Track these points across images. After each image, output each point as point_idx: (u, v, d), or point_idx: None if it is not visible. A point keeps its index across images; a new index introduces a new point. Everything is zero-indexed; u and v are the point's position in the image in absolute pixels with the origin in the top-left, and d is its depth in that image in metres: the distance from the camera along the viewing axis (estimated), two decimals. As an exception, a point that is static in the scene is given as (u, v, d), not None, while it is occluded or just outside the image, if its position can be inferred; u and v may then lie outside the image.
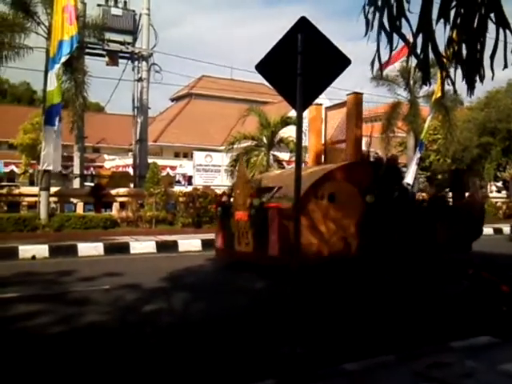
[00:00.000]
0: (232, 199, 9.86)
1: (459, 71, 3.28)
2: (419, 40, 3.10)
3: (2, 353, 4.55)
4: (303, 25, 4.05)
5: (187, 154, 30.21)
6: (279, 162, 19.36)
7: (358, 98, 10.58)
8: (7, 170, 36.27)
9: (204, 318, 5.88)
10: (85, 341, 4.93)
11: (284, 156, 19.62)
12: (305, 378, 3.55)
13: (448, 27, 3.11)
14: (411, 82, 22.22)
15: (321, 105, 11.93)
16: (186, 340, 5.00)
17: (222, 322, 5.63)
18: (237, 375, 3.91)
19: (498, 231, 17.78)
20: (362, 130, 10.64)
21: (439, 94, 17.22)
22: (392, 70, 20.88)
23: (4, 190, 18.08)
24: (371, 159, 10.55)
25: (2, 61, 14.16)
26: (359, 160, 10.09)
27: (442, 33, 3.19)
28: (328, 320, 5.73)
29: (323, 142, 11.61)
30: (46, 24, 14.40)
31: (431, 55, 3.16)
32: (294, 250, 4.21)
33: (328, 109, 11.73)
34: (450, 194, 12.80)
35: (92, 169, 31.00)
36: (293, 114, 16.79)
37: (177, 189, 18.52)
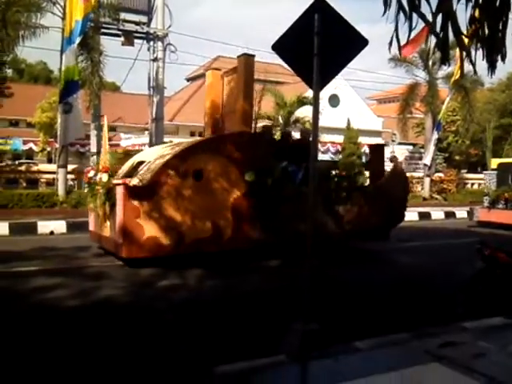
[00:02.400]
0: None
1: (479, 52, 3.24)
2: (439, 19, 3.06)
3: (20, 325, 4.71)
4: (320, 5, 4.01)
5: (202, 134, 30.22)
6: (294, 143, 19.30)
7: (248, 61, 8.81)
8: (26, 147, 36.81)
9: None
10: (99, 314, 5.07)
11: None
12: (315, 354, 3.62)
13: (470, 6, 3.06)
14: (430, 63, 21.84)
15: (219, 70, 10.31)
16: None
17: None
18: (249, 350, 3.99)
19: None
20: (252, 98, 9.18)
21: (458, 75, 16.91)
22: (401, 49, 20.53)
23: (23, 167, 18.42)
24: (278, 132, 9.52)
25: (19, 40, 14.27)
26: (240, 131, 8.56)
27: (461, 12, 3.14)
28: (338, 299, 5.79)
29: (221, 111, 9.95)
30: (62, 4, 14.43)
31: (451, 35, 3.13)
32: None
33: (226, 73, 9.89)
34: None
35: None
36: (309, 94, 16.64)
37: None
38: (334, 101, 27.14)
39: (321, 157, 22.86)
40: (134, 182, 7.58)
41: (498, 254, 5.54)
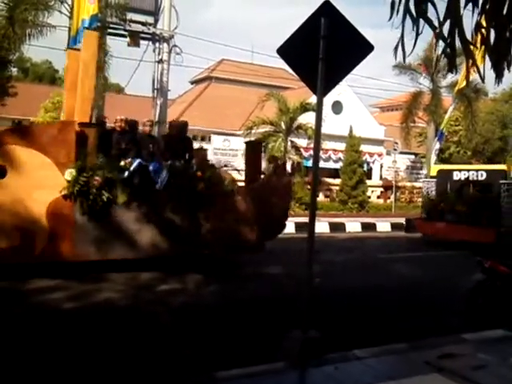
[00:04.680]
0: None
1: (485, 60, 3.22)
2: (445, 26, 3.04)
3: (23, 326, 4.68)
4: (327, 9, 3.99)
5: (205, 138, 30.22)
6: (297, 148, 19.29)
7: (90, 36, 7.89)
8: (28, 147, 36.72)
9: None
10: (98, 317, 5.03)
11: (302, 142, 19.52)
12: (314, 361, 3.58)
13: (476, 12, 3.03)
14: (434, 71, 21.87)
15: (78, 50, 8.36)
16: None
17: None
18: (247, 357, 3.95)
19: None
20: (92, 79, 7.98)
21: (463, 84, 16.89)
22: (415, 58, 20.58)
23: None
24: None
25: (26, 39, 14.29)
26: (63, 121, 7.58)
27: (468, 20, 3.12)
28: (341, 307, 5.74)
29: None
30: (69, 2, 14.45)
31: (457, 42, 3.10)
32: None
33: None
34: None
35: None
36: (312, 100, 16.65)
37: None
38: (337, 108, 27.12)
39: (323, 165, 22.86)
40: None
41: (499, 266, 5.50)
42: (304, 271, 3.92)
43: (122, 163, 7.27)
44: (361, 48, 4.18)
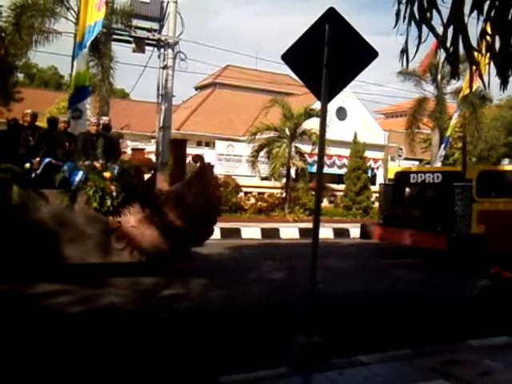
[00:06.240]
0: None
1: (489, 66, 3.22)
2: (449, 33, 3.05)
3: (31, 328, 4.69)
4: (331, 15, 4.02)
5: (209, 143, 30.28)
6: (301, 154, 19.29)
7: None
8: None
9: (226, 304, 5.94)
10: (102, 322, 5.04)
11: (306, 148, 19.51)
12: (318, 367, 3.57)
13: (481, 20, 3.04)
14: (439, 78, 21.86)
15: None
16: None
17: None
18: (250, 362, 3.94)
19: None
20: None
21: (467, 91, 16.89)
22: (419, 65, 20.57)
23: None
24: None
25: (32, 45, 14.42)
26: None
27: (473, 27, 3.13)
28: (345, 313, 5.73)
29: None
30: (75, 9, 14.58)
31: (461, 49, 3.11)
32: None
33: None
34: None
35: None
36: (316, 106, 16.67)
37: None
38: (341, 113, 27.14)
39: (327, 170, 22.85)
40: None
41: (504, 272, 5.49)
42: (307, 277, 3.92)
43: (28, 165, 6.87)
44: (365, 54, 4.19)
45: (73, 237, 6.78)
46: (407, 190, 12.09)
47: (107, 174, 6.97)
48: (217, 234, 12.63)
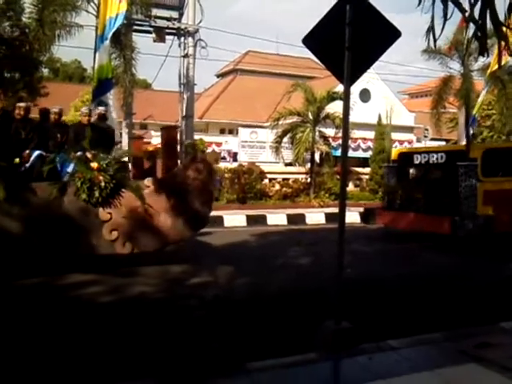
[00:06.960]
0: None
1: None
2: (476, 9, 2.95)
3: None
4: (352, -6, 3.93)
5: (232, 131, 30.28)
6: (325, 138, 19.12)
7: None
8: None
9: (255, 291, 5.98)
10: (132, 310, 5.14)
11: (330, 132, 19.32)
12: (347, 352, 3.57)
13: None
14: (465, 55, 21.22)
15: None
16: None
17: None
18: (279, 348, 3.97)
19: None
20: None
21: (496, 67, 16.35)
22: (445, 42, 20.01)
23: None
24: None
25: (55, 39, 14.59)
26: None
27: (500, 1, 3.02)
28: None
29: None
30: (96, 2, 14.66)
31: (489, 24, 3.01)
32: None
33: None
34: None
35: (140, 145, 31.63)
36: (339, 88, 16.46)
37: (222, 165, 18.68)
38: (364, 95, 26.72)
39: (352, 154, 22.60)
40: None
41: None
42: (334, 262, 3.90)
43: (17, 159, 6.83)
44: (388, 34, 4.09)
45: (55, 228, 6.55)
46: (411, 171, 11.65)
47: (94, 165, 6.74)
48: (243, 221, 12.77)
